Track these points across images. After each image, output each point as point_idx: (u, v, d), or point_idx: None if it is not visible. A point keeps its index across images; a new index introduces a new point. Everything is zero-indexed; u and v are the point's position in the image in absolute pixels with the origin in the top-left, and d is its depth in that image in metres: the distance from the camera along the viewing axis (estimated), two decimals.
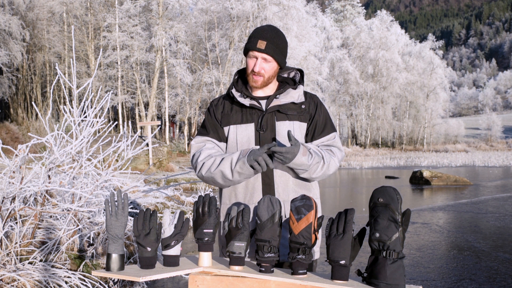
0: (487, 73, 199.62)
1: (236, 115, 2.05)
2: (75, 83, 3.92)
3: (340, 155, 2.05)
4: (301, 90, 2.08)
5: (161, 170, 16.26)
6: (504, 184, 16.42)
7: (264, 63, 2.00)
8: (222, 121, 2.08)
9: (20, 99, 27.95)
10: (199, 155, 2.02)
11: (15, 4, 25.58)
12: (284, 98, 2.04)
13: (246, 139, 2.01)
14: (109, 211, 1.67)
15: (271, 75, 2.04)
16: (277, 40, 2.01)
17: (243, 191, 2.01)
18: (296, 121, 2.03)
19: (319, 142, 2.06)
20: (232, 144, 2.03)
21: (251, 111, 2.04)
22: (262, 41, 1.98)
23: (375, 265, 1.51)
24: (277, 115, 2.02)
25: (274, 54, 1.99)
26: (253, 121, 2.02)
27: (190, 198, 9.42)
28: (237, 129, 2.03)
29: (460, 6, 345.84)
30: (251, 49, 2.00)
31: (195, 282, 1.69)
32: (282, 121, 2.01)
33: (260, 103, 2.04)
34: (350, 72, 48.15)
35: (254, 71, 2.00)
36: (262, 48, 1.97)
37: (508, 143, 65.07)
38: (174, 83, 32.62)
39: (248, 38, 2.05)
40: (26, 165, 3.65)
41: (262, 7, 29.75)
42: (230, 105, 2.09)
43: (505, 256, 5.75)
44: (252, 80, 2.02)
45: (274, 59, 2.01)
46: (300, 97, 2.05)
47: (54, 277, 3.40)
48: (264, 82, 2.03)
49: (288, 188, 1.99)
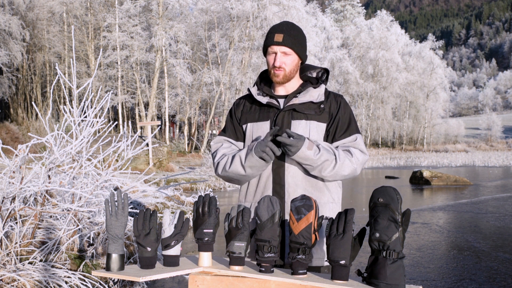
0: (487, 73, 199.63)
1: (254, 113, 2.04)
2: (75, 83, 3.92)
3: (362, 158, 1.95)
4: (322, 89, 2.02)
5: (161, 170, 16.27)
6: (504, 184, 16.43)
7: (283, 57, 1.96)
8: (241, 119, 2.07)
9: (20, 99, 27.95)
10: (215, 155, 2.05)
11: (15, 4, 25.59)
12: (303, 97, 1.99)
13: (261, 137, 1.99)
14: (109, 211, 1.67)
15: (292, 69, 1.99)
16: (294, 32, 1.98)
17: (255, 190, 2.01)
18: (314, 121, 1.97)
19: (340, 143, 1.99)
20: (249, 141, 2.03)
21: (268, 109, 2.01)
22: (279, 34, 1.95)
23: (375, 265, 1.51)
24: (294, 114, 1.98)
25: (293, 45, 1.96)
26: (269, 118, 1.99)
27: (190, 198, 9.42)
28: (253, 127, 2.02)
29: (460, 6, 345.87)
30: (269, 45, 1.97)
31: (195, 282, 1.69)
32: (299, 120, 1.97)
33: (279, 102, 2.01)
34: (350, 72, 48.15)
35: (275, 66, 1.96)
36: (280, 41, 1.94)
37: (508, 143, 65.08)
38: (174, 83, 32.62)
39: (265, 37, 2.02)
40: (26, 165, 3.65)
41: (262, 7, 29.74)
42: (250, 104, 2.08)
43: (505, 256, 5.75)
44: (274, 75, 1.98)
45: (293, 51, 1.97)
46: (320, 96, 2.00)
47: (54, 277, 3.40)
48: (285, 76, 1.98)
49: (299, 188, 1.94)
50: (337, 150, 1.92)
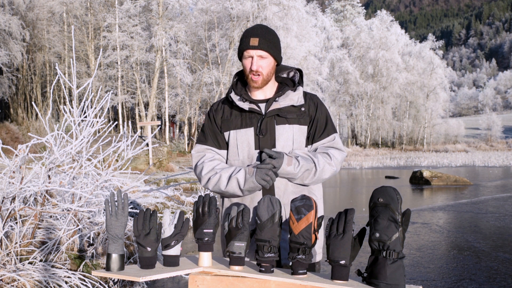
0: (487, 73, 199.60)
1: (235, 119, 2.04)
2: (75, 83, 3.92)
3: (340, 157, 2.02)
4: (300, 92, 2.05)
5: (161, 170, 16.27)
6: (504, 184, 16.42)
7: (260, 60, 1.97)
8: (222, 127, 2.06)
9: (20, 99, 27.94)
10: (202, 167, 2.03)
11: (15, 4, 25.58)
12: (283, 101, 2.01)
13: (246, 143, 2.00)
14: (109, 211, 1.67)
15: (269, 72, 2.01)
16: (269, 36, 1.99)
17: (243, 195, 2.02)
18: (296, 125, 2.00)
19: (320, 144, 2.04)
20: (233, 149, 2.03)
21: (250, 115, 2.02)
22: (254, 38, 1.96)
23: (375, 265, 1.51)
24: (277, 119, 2.00)
25: (269, 48, 1.97)
26: (253, 125, 2.00)
27: (190, 198, 9.42)
28: (237, 134, 2.02)
29: (460, 6, 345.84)
30: (245, 49, 1.98)
31: (195, 282, 1.69)
32: (282, 125, 1.99)
33: (260, 107, 2.02)
34: (350, 72, 48.14)
35: (252, 70, 1.97)
36: (256, 44, 1.95)
37: (508, 143, 65.08)
38: (174, 83, 32.61)
39: (240, 41, 2.03)
40: (26, 165, 3.65)
41: (262, 7, 29.74)
42: (229, 110, 2.07)
43: (505, 256, 5.75)
44: (252, 80, 1.99)
45: (269, 54, 1.98)
46: (299, 100, 2.03)
47: (54, 277, 3.40)
48: (264, 80, 2.00)
49: (288, 191, 1.98)
50: (315, 157, 1.97)
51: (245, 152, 2.00)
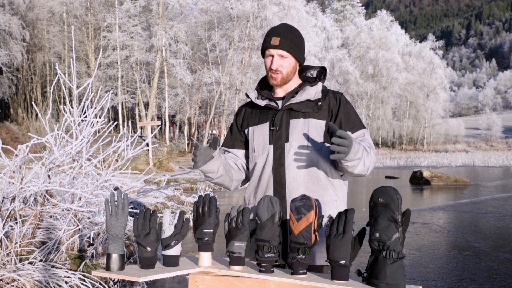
0: (487, 73, 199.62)
1: (255, 117, 2.08)
2: (75, 83, 3.92)
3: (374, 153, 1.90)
4: (319, 87, 2.02)
5: (161, 170, 16.27)
6: (504, 184, 16.43)
7: (280, 59, 1.98)
8: (243, 125, 2.12)
9: (20, 99, 27.95)
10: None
11: (15, 4, 25.57)
12: (301, 96, 2.00)
13: (261, 138, 2.02)
14: (109, 211, 1.67)
15: (289, 72, 2.00)
16: (291, 35, 1.99)
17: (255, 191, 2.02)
18: (312, 119, 1.96)
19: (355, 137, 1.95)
20: (251, 145, 2.07)
21: (267, 112, 2.05)
22: (276, 38, 1.97)
23: (375, 265, 1.51)
24: (291, 113, 1.99)
25: (290, 48, 1.97)
26: (268, 120, 2.03)
27: (190, 198, 9.43)
28: (254, 130, 2.06)
29: (460, 6, 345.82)
30: (267, 48, 1.99)
31: (195, 282, 1.69)
32: (296, 118, 1.97)
33: (277, 103, 2.04)
34: (350, 72, 48.15)
35: (272, 68, 1.98)
36: (277, 44, 1.96)
37: (508, 143, 65.09)
38: (174, 83, 32.61)
39: (263, 39, 2.05)
40: (26, 165, 3.65)
41: (262, 7, 29.74)
42: (250, 109, 2.12)
43: (505, 256, 5.75)
44: (271, 78, 2.01)
45: (290, 54, 1.98)
46: (317, 94, 2.00)
47: (54, 277, 3.40)
48: (283, 79, 2.00)
49: (300, 187, 1.93)
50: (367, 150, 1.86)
51: (260, 147, 2.01)
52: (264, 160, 1.99)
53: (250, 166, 2.08)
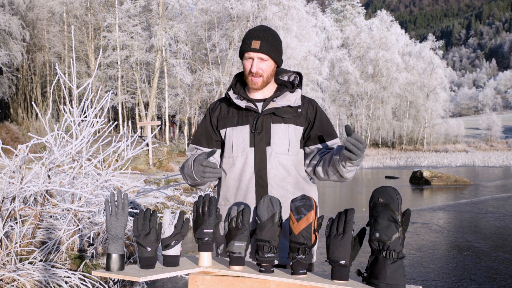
0: (487, 73, 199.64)
1: (232, 117, 2.06)
2: (75, 83, 3.92)
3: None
4: (298, 94, 2.07)
5: (161, 170, 16.27)
6: (504, 184, 16.42)
7: (260, 63, 1.99)
8: (218, 124, 2.09)
9: (20, 99, 27.94)
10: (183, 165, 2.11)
11: (15, 4, 25.56)
12: (281, 101, 2.03)
13: (241, 140, 2.01)
14: (109, 211, 1.67)
15: (269, 74, 2.03)
16: (271, 39, 2.01)
17: (235, 192, 2.02)
18: (292, 124, 2.02)
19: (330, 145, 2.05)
20: (228, 146, 2.05)
21: (247, 113, 2.04)
22: (256, 41, 1.98)
23: (375, 265, 1.51)
24: (273, 118, 2.02)
25: (270, 52, 1.99)
26: (249, 123, 2.02)
27: (190, 198, 9.43)
28: (232, 131, 2.04)
29: (460, 6, 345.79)
30: (246, 51, 2.00)
31: (195, 282, 1.69)
32: (278, 123, 2.01)
33: (257, 106, 2.05)
34: (350, 72, 48.15)
35: (252, 72, 1.99)
36: (257, 47, 1.97)
37: (508, 143, 65.09)
38: (174, 83, 32.60)
39: (242, 41, 2.05)
40: (26, 165, 3.65)
41: (262, 7, 29.74)
42: (227, 108, 2.10)
43: (505, 256, 5.75)
44: (251, 82, 2.01)
45: (270, 58, 2.00)
46: (297, 101, 2.05)
47: (54, 277, 3.40)
48: (263, 82, 2.02)
49: (282, 190, 1.98)
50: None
51: (240, 149, 2.01)
52: (243, 162, 2.00)
53: (225, 165, 2.07)
